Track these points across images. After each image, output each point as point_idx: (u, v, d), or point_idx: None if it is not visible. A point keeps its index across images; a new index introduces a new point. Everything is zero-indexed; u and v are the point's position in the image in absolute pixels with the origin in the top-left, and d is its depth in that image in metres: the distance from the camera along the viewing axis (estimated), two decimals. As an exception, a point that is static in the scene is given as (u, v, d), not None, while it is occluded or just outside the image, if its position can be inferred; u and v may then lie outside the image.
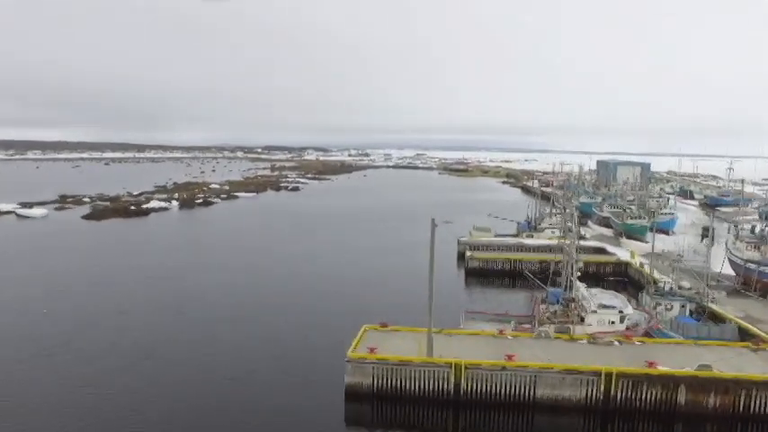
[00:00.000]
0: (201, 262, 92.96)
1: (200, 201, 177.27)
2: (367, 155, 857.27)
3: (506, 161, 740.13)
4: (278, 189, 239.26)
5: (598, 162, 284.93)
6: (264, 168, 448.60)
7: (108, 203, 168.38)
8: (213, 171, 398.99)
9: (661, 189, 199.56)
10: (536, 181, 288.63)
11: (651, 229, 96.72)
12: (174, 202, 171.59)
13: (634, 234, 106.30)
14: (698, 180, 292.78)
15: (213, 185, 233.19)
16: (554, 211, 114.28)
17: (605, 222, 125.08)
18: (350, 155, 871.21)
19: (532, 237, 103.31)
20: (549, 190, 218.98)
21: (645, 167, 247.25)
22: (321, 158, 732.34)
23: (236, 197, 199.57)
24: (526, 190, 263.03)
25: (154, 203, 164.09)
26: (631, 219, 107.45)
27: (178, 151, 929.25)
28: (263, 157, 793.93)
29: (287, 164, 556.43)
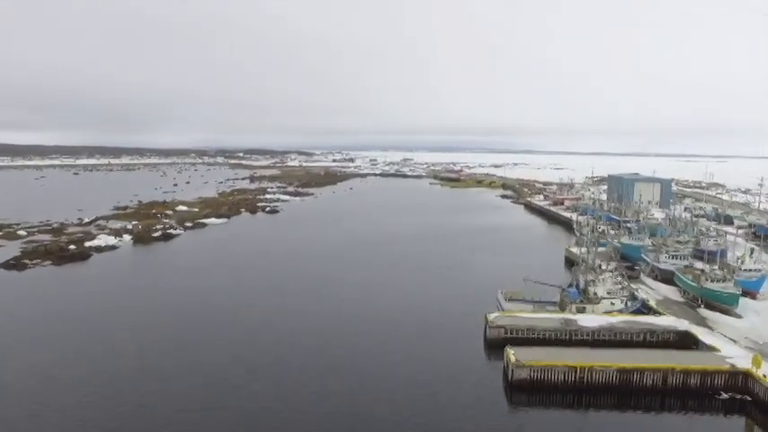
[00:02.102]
0: (123, 362, 65.48)
1: (159, 234, 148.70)
2: (352, 160, 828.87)
3: (495, 165, 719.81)
4: (254, 211, 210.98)
5: (609, 177, 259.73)
6: (244, 179, 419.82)
7: (47, 238, 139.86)
8: (188, 183, 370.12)
9: (696, 215, 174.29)
10: (540, 196, 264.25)
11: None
12: (127, 238, 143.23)
13: (719, 303, 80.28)
14: (723, 196, 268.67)
15: (180, 208, 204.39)
16: (607, 267, 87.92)
17: (663, 275, 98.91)
18: (334, 160, 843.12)
19: (584, 310, 77.00)
20: (568, 215, 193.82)
21: (665, 184, 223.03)
22: (304, 164, 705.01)
23: (204, 225, 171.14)
24: (531, 208, 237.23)
25: (100, 240, 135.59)
26: (713, 280, 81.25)
27: (156, 156, 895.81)
28: (243, 162, 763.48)
29: (268, 171, 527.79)
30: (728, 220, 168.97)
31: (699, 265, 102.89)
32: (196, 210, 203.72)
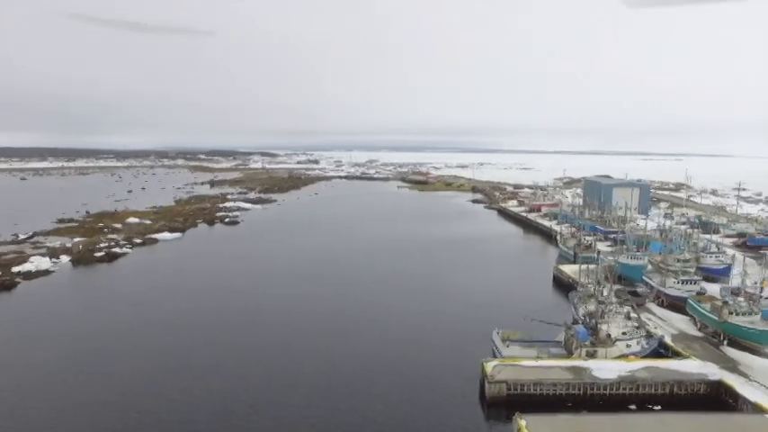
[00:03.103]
0: None
1: (103, 253, 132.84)
2: (316, 162, 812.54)
3: (461, 165, 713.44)
4: (212, 222, 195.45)
5: (585, 181, 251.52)
6: (204, 183, 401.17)
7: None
8: (143, 189, 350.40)
9: (678, 223, 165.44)
10: (513, 201, 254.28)
11: None
12: (65, 259, 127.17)
13: (745, 341, 69.69)
14: (690, 199, 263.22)
15: (131, 220, 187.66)
16: (610, 295, 76.67)
17: (670, 300, 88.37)
18: (299, 162, 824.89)
19: (596, 354, 65.50)
20: (547, 223, 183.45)
21: (643, 189, 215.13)
22: (268, 166, 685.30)
23: (155, 241, 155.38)
24: (505, 214, 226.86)
25: (32, 264, 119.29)
26: (738, 313, 70.63)
27: (113, 158, 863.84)
28: (205, 165, 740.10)
29: (230, 175, 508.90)
30: (714, 229, 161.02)
31: (708, 287, 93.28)
32: (148, 222, 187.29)
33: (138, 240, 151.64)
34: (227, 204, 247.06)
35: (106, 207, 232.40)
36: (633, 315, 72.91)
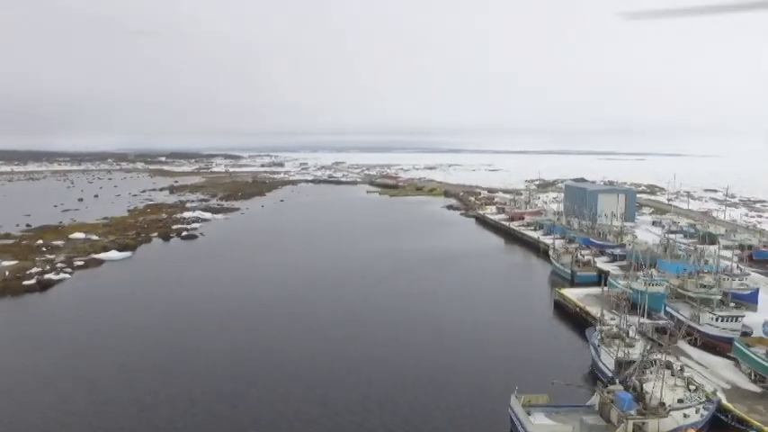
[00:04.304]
0: None
1: (34, 281, 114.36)
2: (281, 164, 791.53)
3: (429, 167, 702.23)
4: (168, 236, 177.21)
5: (566, 187, 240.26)
6: (163, 189, 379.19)
7: None
8: (96, 197, 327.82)
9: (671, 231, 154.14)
10: (491, 208, 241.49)
11: None
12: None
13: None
14: (672, 203, 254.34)
15: (76, 235, 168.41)
16: (657, 355, 62.37)
17: (705, 338, 75.10)
18: (263, 164, 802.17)
19: (645, 428, 51.37)
20: (535, 235, 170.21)
21: (630, 195, 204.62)
22: (231, 170, 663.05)
23: (100, 262, 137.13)
24: (484, 223, 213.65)
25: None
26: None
27: (68, 162, 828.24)
28: (165, 168, 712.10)
29: (191, 179, 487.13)
30: (712, 239, 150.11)
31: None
32: (95, 237, 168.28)
33: (80, 262, 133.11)
34: (186, 215, 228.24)
35: (51, 219, 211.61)
36: (682, 370, 59.08)
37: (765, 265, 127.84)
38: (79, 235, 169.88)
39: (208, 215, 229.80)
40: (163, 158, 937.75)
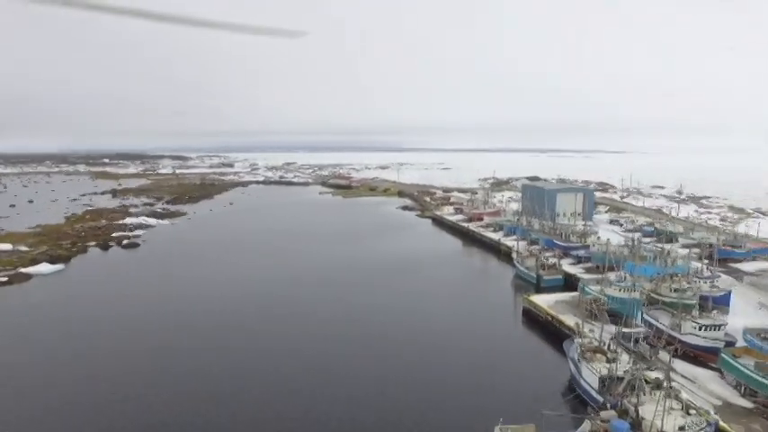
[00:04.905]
0: None
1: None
2: (231, 165, 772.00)
3: (381, 166, 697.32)
4: (107, 245, 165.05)
5: (524, 186, 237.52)
6: (105, 193, 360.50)
7: None
8: (31, 202, 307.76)
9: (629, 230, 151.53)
10: (448, 208, 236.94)
11: None
12: None
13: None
14: (632, 205, 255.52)
15: (2, 247, 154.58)
16: (647, 372, 56.87)
17: (686, 350, 70.61)
18: (211, 165, 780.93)
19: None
20: (495, 236, 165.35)
21: (588, 194, 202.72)
22: (178, 171, 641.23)
23: (28, 277, 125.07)
24: (441, 224, 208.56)
25: None
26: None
27: (1, 164, 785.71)
28: (109, 170, 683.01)
29: (135, 182, 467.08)
30: (671, 238, 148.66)
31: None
32: (25, 248, 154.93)
33: (3, 278, 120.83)
34: (129, 221, 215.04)
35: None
36: (672, 388, 53.94)
37: (726, 263, 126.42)
38: (6, 246, 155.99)
39: (153, 221, 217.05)
40: (106, 160, 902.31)
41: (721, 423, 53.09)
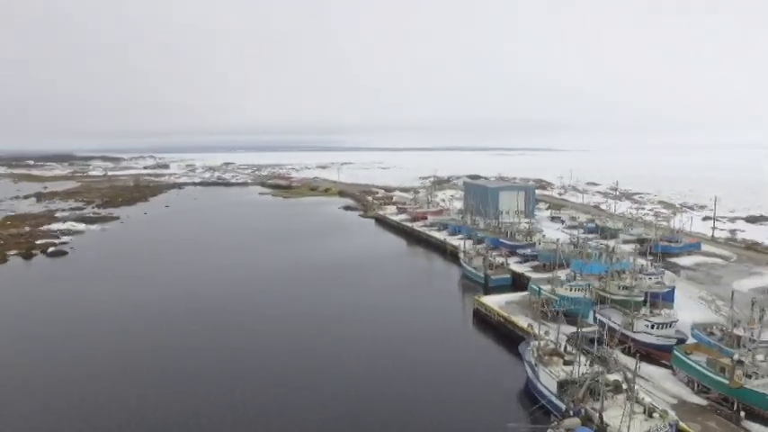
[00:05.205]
0: None
1: None
2: (166, 166, 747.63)
3: (321, 166, 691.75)
4: (30, 254, 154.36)
5: (466, 184, 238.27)
6: (28, 197, 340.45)
7: None
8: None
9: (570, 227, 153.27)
10: (391, 208, 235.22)
11: None
12: None
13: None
14: (563, 197, 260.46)
15: None
16: (607, 375, 55.64)
17: (638, 348, 70.23)
18: (146, 166, 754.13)
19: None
20: (441, 236, 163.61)
21: (529, 191, 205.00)
22: (110, 173, 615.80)
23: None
24: (384, 224, 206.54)
25: None
26: (758, 376, 53.63)
27: None
28: (34, 173, 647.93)
29: (63, 185, 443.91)
30: (612, 234, 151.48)
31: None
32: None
33: None
34: (55, 226, 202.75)
35: None
36: (640, 396, 52.84)
37: (664, 258, 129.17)
38: None
39: (81, 226, 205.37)
40: (31, 162, 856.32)
41: (682, 424, 52.55)
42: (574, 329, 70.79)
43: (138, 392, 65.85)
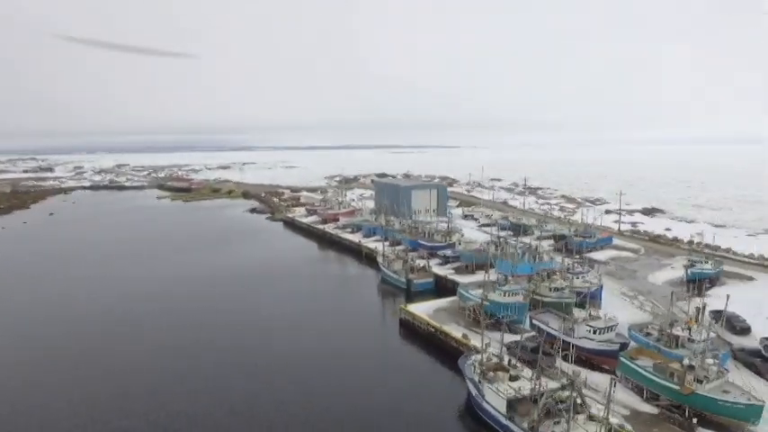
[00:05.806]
0: None
1: None
2: (51, 169, 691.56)
3: (222, 166, 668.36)
4: None
5: (376, 183, 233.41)
6: None
7: None
8: None
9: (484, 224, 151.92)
10: (300, 209, 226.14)
11: None
12: None
13: (719, 417, 50.75)
14: (472, 195, 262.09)
15: None
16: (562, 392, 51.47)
17: (579, 354, 67.11)
18: (26, 170, 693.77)
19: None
20: (355, 239, 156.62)
21: (441, 190, 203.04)
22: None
23: None
24: (293, 227, 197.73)
25: None
26: (708, 381, 51.39)
27: None
28: None
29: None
30: (526, 231, 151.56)
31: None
32: None
33: None
34: None
35: None
36: (587, 407, 49.04)
37: (579, 253, 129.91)
38: None
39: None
40: None
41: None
42: (509, 338, 66.72)
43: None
